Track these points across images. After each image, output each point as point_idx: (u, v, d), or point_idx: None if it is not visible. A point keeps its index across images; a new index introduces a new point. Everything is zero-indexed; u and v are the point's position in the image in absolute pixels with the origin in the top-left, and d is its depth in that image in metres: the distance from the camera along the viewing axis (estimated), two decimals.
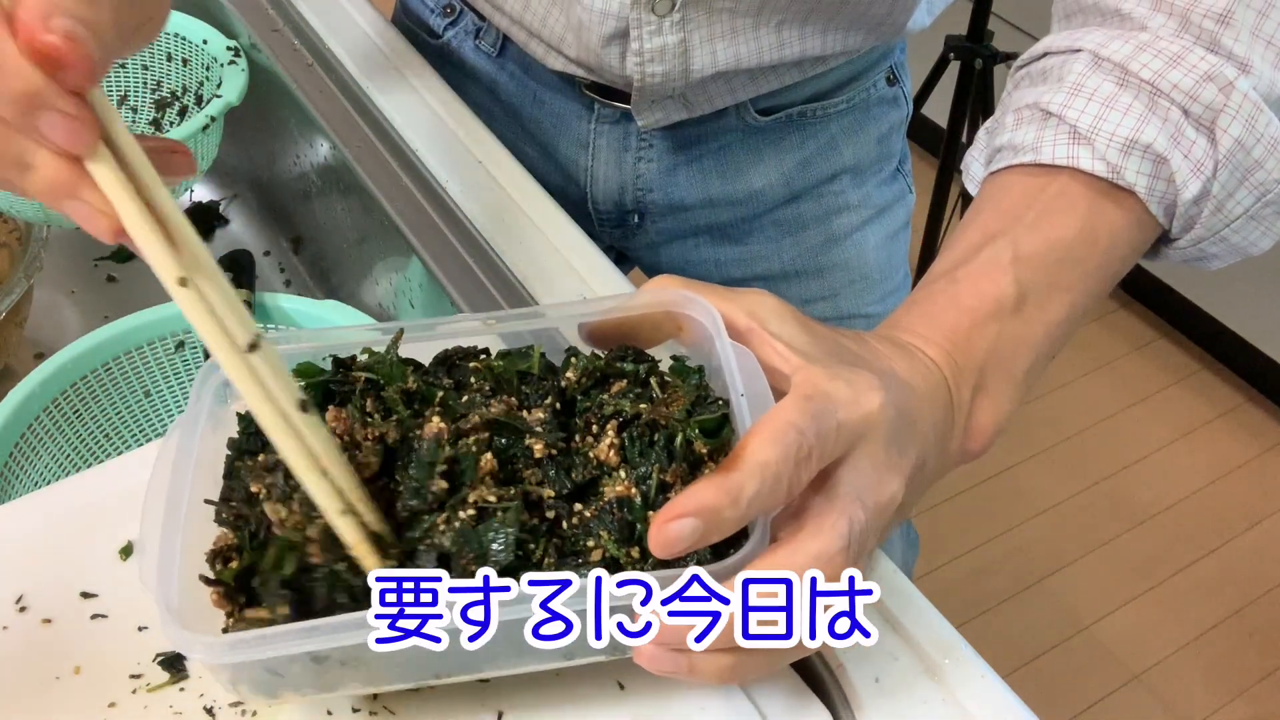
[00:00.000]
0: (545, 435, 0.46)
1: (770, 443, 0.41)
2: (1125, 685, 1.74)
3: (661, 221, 0.92)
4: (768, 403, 0.44)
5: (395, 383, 0.48)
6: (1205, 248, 0.57)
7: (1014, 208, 0.55)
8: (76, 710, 0.49)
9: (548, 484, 0.45)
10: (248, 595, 0.43)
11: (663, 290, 0.49)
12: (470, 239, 0.76)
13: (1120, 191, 0.54)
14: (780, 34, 0.76)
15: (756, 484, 0.40)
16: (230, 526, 0.45)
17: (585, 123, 0.87)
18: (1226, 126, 0.52)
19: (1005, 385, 0.52)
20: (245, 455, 0.47)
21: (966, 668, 0.52)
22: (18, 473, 0.67)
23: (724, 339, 0.47)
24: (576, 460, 0.45)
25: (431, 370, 0.50)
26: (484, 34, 0.89)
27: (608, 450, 0.45)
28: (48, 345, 0.88)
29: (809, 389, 0.43)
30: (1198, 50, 0.53)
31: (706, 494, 0.40)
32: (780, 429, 0.41)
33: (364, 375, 0.48)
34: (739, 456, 0.41)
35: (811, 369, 0.44)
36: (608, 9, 0.73)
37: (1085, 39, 0.56)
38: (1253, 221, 0.55)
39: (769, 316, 0.48)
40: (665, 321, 0.50)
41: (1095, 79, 0.54)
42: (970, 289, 0.52)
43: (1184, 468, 2.05)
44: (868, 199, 0.92)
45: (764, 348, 0.47)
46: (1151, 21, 0.54)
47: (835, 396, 0.43)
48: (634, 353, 0.50)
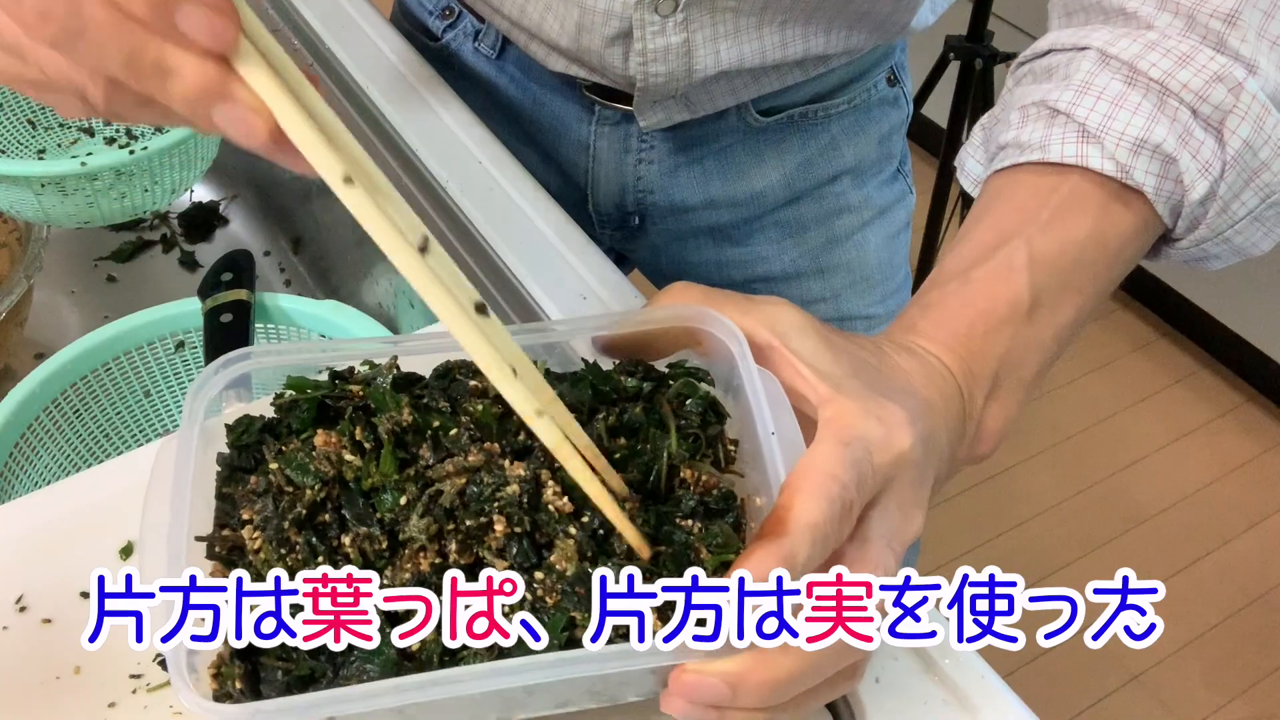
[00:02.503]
0: (511, 510, 0.43)
1: (817, 501, 0.39)
2: (1125, 685, 1.74)
3: (662, 223, 0.92)
4: (796, 439, 0.43)
5: (387, 411, 0.45)
6: (1207, 248, 0.57)
7: (1027, 207, 0.54)
8: (76, 710, 0.49)
9: (506, 556, 0.42)
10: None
11: (682, 306, 0.48)
12: (470, 239, 0.76)
13: (1129, 192, 0.54)
14: (783, 33, 0.76)
15: (808, 548, 0.39)
16: (223, 562, 0.44)
17: (585, 125, 0.87)
18: (1235, 128, 0.52)
19: (1014, 389, 0.52)
20: (237, 473, 0.46)
21: (966, 668, 0.52)
22: (18, 473, 0.67)
23: (750, 366, 0.45)
24: (542, 518, 0.43)
25: (430, 385, 0.49)
26: (483, 36, 0.89)
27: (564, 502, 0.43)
28: (48, 345, 0.88)
29: (844, 433, 0.42)
30: (1205, 50, 0.53)
31: (763, 565, 0.38)
32: (823, 484, 0.40)
33: (360, 389, 0.47)
34: (785, 519, 0.39)
35: (841, 402, 0.43)
36: (610, 9, 0.73)
37: (1091, 37, 0.56)
38: (1256, 223, 0.55)
39: (790, 331, 0.46)
40: (683, 335, 0.49)
41: (1104, 77, 0.54)
42: (984, 291, 0.52)
43: (1184, 468, 2.05)
44: (869, 200, 0.92)
45: (786, 368, 0.45)
46: (1158, 20, 0.54)
47: (869, 439, 0.42)
48: (643, 368, 0.49)
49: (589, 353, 0.51)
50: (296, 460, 0.44)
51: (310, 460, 0.44)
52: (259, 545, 0.43)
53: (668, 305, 0.49)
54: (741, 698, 0.39)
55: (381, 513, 0.43)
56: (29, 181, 0.77)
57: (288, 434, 0.46)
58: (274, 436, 0.46)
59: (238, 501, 0.45)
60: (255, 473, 0.45)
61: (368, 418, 0.46)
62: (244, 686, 0.40)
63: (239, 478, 0.46)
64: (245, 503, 0.44)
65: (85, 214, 0.82)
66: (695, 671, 0.39)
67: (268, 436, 0.46)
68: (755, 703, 0.39)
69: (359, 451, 0.45)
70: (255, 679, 0.41)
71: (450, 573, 0.41)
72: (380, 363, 0.48)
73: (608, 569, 0.41)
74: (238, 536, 0.44)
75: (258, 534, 0.43)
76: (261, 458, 0.46)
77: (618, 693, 0.44)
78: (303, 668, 0.40)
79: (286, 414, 0.47)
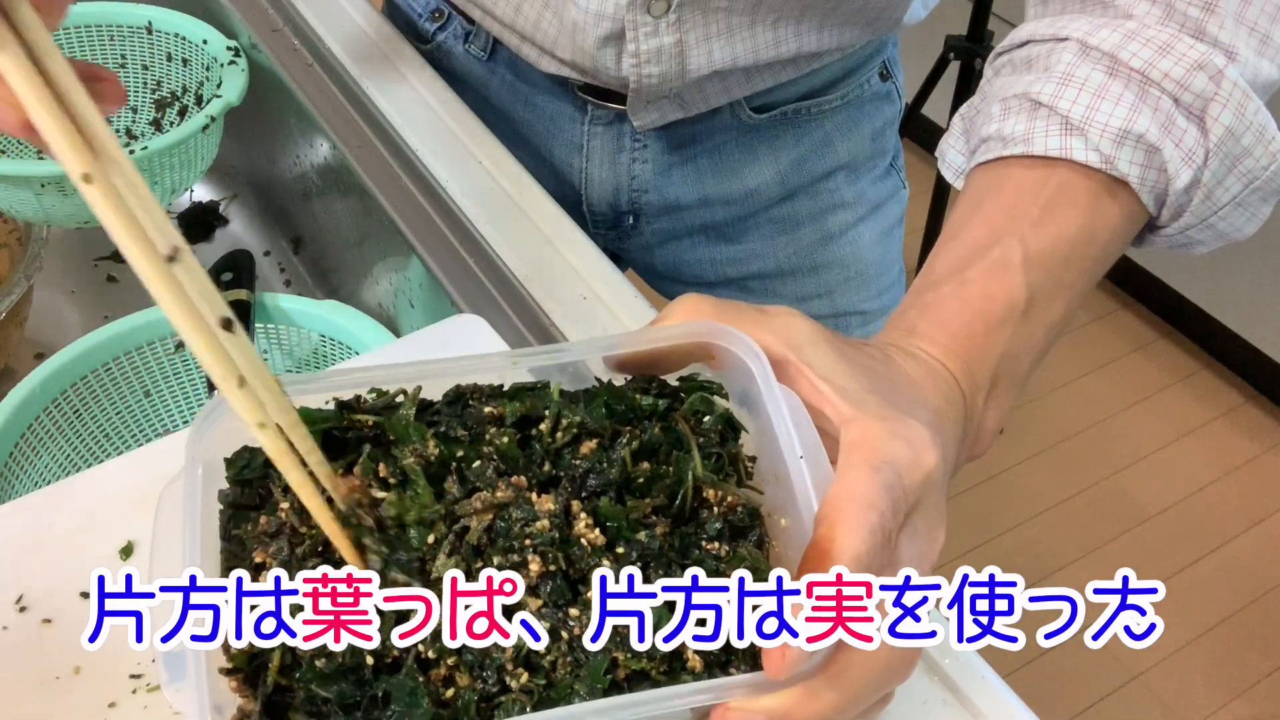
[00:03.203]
0: (545, 549, 0.42)
1: (859, 533, 0.39)
2: (1125, 685, 1.74)
3: (657, 222, 0.92)
4: (823, 461, 0.43)
5: (410, 443, 0.44)
6: (1192, 234, 0.57)
7: (1017, 203, 0.54)
8: (76, 710, 0.49)
9: (540, 595, 0.41)
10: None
11: (697, 322, 0.47)
12: (470, 239, 0.76)
13: (1115, 184, 0.54)
14: (776, 31, 0.76)
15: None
16: None
17: (579, 125, 0.87)
18: (1217, 115, 0.52)
19: (1010, 387, 0.52)
20: (240, 510, 0.44)
21: (966, 668, 0.52)
22: (18, 473, 0.67)
23: (772, 386, 0.44)
24: (575, 553, 0.42)
25: (443, 411, 0.46)
26: (474, 38, 0.89)
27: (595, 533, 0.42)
28: (48, 345, 0.88)
29: (874, 457, 0.41)
30: (1185, 39, 0.53)
31: None
32: (863, 515, 0.39)
33: (371, 419, 0.45)
34: (829, 551, 0.39)
35: (866, 423, 0.42)
36: (602, 11, 0.73)
37: (1070, 27, 0.55)
38: (1240, 208, 0.55)
39: (804, 344, 0.46)
40: (696, 349, 0.48)
41: (1085, 68, 0.54)
42: (981, 291, 0.52)
43: (1184, 468, 2.05)
44: (862, 195, 0.92)
45: (803, 383, 0.45)
46: (1136, 9, 0.54)
47: (899, 463, 0.41)
48: (657, 384, 0.48)
49: (602, 371, 0.50)
50: None
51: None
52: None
53: (681, 322, 0.48)
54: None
55: (408, 553, 0.42)
56: (29, 181, 0.77)
57: None
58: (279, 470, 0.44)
59: (247, 543, 0.43)
60: (263, 511, 0.43)
61: (386, 450, 0.44)
62: None
63: (244, 515, 0.44)
64: (257, 545, 0.43)
65: (85, 214, 0.82)
66: (739, 709, 0.39)
67: (272, 471, 0.44)
68: None
69: (387, 488, 0.43)
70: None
71: (450, 572, 0.40)
72: (388, 390, 0.46)
73: (607, 569, 0.41)
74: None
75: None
76: (268, 493, 0.44)
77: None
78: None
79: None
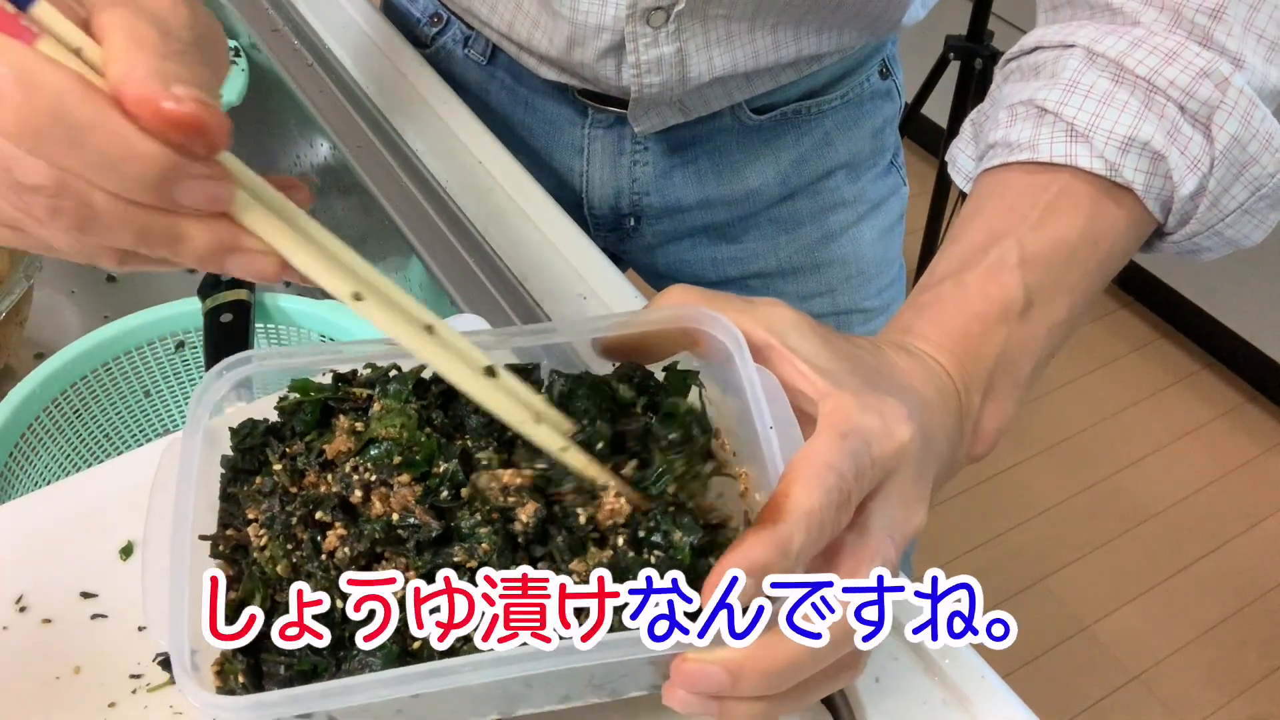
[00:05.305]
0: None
1: (813, 489, 0.39)
2: (1125, 685, 1.74)
3: (658, 224, 0.92)
4: (794, 434, 0.44)
5: (414, 442, 0.45)
6: (1199, 241, 0.57)
7: (1018, 207, 0.54)
8: (76, 710, 0.49)
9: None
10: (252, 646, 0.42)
11: (680, 307, 0.48)
12: (470, 239, 0.76)
13: (1120, 190, 0.54)
14: (775, 36, 0.76)
15: (804, 535, 0.39)
16: (226, 559, 0.44)
17: (579, 128, 0.87)
18: (1223, 123, 0.52)
19: (1010, 389, 0.52)
20: (241, 474, 0.46)
21: (966, 668, 0.52)
22: (18, 473, 0.67)
23: (748, 363, 0.45)
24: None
25: (427, 399, 0.48)
26: (473, 42, 0.89)
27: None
28: (48, 345, 0.88)
29: (843, 424, 0.42)
30: (1192, 46, 0.53)
31: (756, 550, 0.38)
32: (821, 473, 0.40)
33: (366, 392, 0.47)
34: (782, 506, 0.39)
35: (840, 396, 0.43)
36: (602, 23, 0.73)
37: (1078, 34, 0.56)
38: (1246, 215, 0.56)
39: (787, 330, 0.47)
40: (681, 336, 0.49)
41: (1091, 75, 0.54)
42: (978, 292, 0.52)
43: (1184, 468, 2.05)
44: (862, 194, 0.92)
45: (784, 365, 0.46)
46: (1144, 16, 0.54)
47: (869, 431, 0.42)
48: (640, 374, 0.49)
49: (588, 353, 0.51)
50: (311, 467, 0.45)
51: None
52: (264, 542, 0.43)
53: (666, 307, 0.49)
54: (742, 686, 0.39)
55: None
56: None
57: (291, 436, 0.47)
58: (278, 439, 0.47)
59: (242, 501, 0.45)
60: (260, 474, 0.46)
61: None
62: (247, 681, 0.41)
63: (243, 479, 0.46)
64: (250, 502, 0.45)
65: None
66: (696, 660, 0.39)
67: (272, 439, 0.47)
68: (756, 690, 0.40)
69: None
70: (258, 674, 0.41)
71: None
72: (381, 365, 0.48)
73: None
74: (242, 536, 0.44)
75: (264, 531, 0.43)
76: (265, 460, 0.46)
77: (619, 686, 0.45)
78: (305, 663, 0.41)
79: (290, 417, 0.47)
